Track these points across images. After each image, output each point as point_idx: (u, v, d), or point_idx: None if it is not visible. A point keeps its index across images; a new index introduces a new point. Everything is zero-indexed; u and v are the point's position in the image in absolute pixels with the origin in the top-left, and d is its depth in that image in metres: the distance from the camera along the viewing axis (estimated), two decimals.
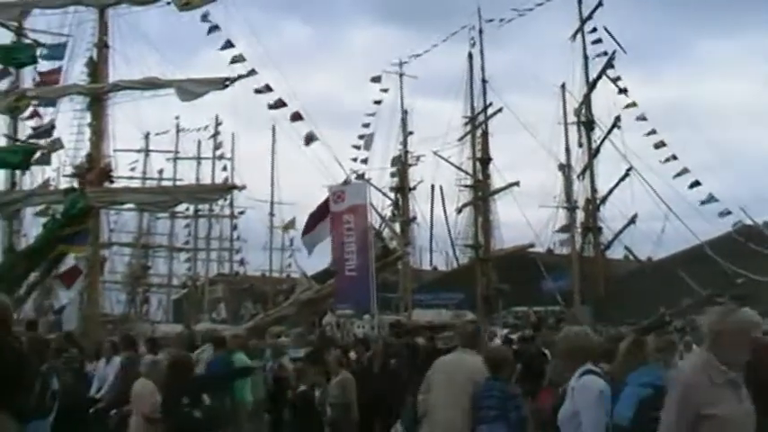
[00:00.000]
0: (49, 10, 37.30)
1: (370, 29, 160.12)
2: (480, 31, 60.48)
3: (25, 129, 41.02)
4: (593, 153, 57.31)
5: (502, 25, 60.84)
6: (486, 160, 59.67)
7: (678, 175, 53.35)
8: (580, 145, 57.36)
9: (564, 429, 7.23)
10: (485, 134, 60.08)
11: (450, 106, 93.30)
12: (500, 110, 58.74)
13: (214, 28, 34.51)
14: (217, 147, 76.52)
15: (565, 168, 56.39)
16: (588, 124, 57.35)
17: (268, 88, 33.55)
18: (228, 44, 34.21)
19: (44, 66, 38.12)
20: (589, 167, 57.34)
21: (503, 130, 78.08)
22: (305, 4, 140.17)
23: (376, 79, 60.98)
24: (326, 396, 13.75)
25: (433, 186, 62.04)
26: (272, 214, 72.99)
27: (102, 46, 35.59)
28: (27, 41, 38.94)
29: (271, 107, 33.62)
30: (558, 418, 7.30)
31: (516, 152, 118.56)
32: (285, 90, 34.13)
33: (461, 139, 60.56)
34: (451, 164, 60.01)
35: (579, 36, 57.90)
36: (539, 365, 14.03)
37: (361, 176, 43.97)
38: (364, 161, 58.58)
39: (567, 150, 56.44)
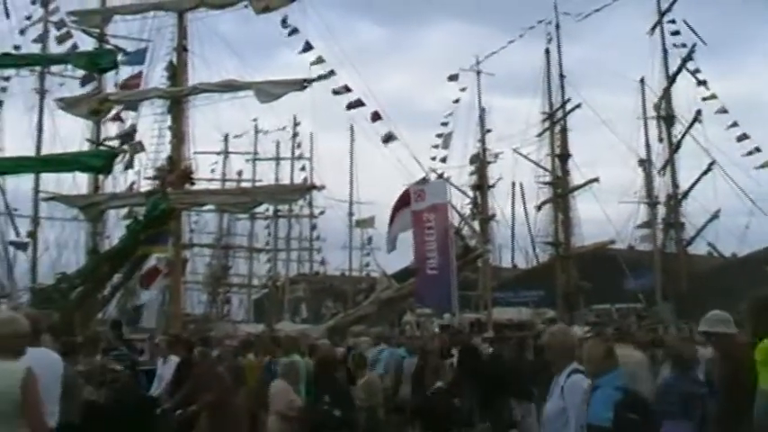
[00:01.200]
0: (129, 16, 37.82)
1: (444, 28, 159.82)
2: (557, 26, 59.97)
3: (108, 133, 41.65)
4: (674, 148, 56.49)
5: (579, 20, 60.13)
6: (565, 156, 59.14)
7: (762, 167, 52.47)
8: (660, 140, 56.56)
9: (551, 424, 7.69)
10: (563, 130, 59.54)
11: (528, 103, 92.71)
12: (578, 105, 58.25)
13: (294, 32, 34.68)
14: (295, 147, 76.95)
15: (645, 164, 55.72)
16: (668, 119, 56.51)
17: (347, 89, 33.64)
18: (308, 46, 34.37)
19: (125, 71, 38.67)
20: (670, 162, 56.52)
21: (581, 125, 77.59)
22: (378, 5, 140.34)
23: (453, 77, 60.77)
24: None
25: (513, 184, 61.69)
26: (351, 214, 73.18)
27: (182, 50, 35.95)
28: (109, 47, 39.50)
29: (349, 107, 33.68)
30: (545, 416, 7.74)
31: (595, 148, 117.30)
32: (363, 90, 34.17)
33: (540, 135, 60.13)
34: (530, 160, 59.61)
35: (658, 29, 57.12)
36: None
37: (440, 175, 43.79)
38: (443, 160, 58.49)
39: (648, 145, 55.75)
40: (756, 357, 6.80)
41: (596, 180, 56.82)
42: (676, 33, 56.59)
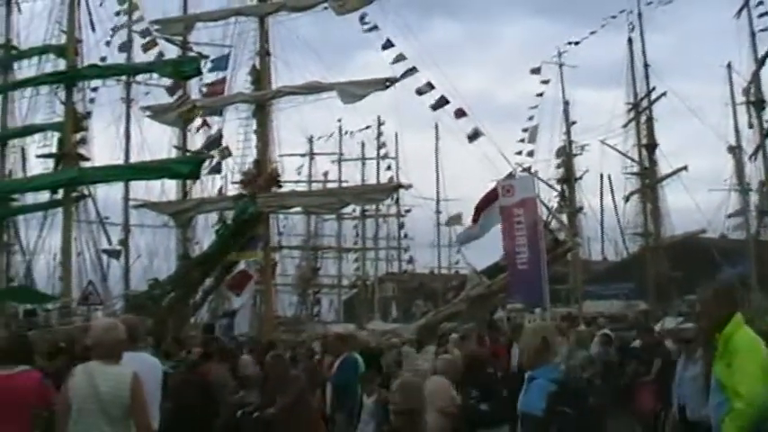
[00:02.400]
0: (211, 23, 38.25)
1: (521, 23, 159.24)
2: (639, 15, 59.21)
3: (194, 139, 42.12)
4: (765, 133, 55.39)
5: (662, 6, 59.25)
6: (652, 146, 58.38)
7: None
8: (750, 125, 55.49)
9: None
10: (649, 120, 58.78)
11: (612, 93, 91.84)
12: (664, 94, 57.46)
13: (373, 28, 34.65)
14: (380, 147, 77.09)
15: (735, 150, 54.81)
16: (758, 103, 55.37)
17: (429, 86, 33.51)
18: (389, 44, 34.29)
19: (209, 77, 39.05)
20: (761, 148, 55.44)
21: (667, 114, 76.57)
22: (454, 3, 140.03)
23: (536, 71, 60.40)
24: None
25: (600, 175, 61.05)
26: (438, 211, 73.22)
27: (264, 54, 36.23)
28: (192, 54, 39.98)
29: (433, 105, 33.56)
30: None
31: (683, 136, 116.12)
32: (446, 87, 34.05)
33: (625, 126, 59.41)
34: (617, 151, 58.95)
35: (744, 12, 55.99)
36: None
37: (527, 169, 43.55)
38: (530, 154, 58.14)
39: (737, 131, 54.81)
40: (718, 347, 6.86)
41: (685, 169, 56.09)
42: (765, 15, 55.44)
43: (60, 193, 37.67)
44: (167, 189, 42.75)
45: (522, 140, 59.23)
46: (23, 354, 8.27)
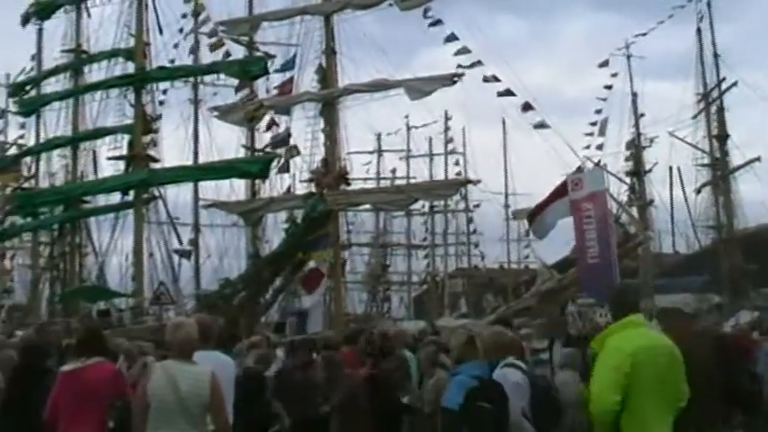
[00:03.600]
0: (276, 22, 38.46)
1: (585, 17, 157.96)
2: (708, 5, 58.39)
3: (262, 138, 42.34)
4: None
5: None
6: (723, 137, 57.58)
7: None
8: None
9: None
10: (720, 110, 57.96)
11: (681, 85, 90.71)
12: (734, 84, 56.64)
13: (437, 22, 34.56)
14: (448, 142, 76.93)
15: None
16: None
17: (495, 78, 33.36)
18: (453, 37, 34.20)
19: (276, 76, 39.25)
20: None
21: (739, 104, 75.29)
22: (516, 0, 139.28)
23: (603, 64, 59.81)
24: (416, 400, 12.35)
25: (670, 168, 60.30)
26: (506, 206, 72.81)
27: (330, 52, 36.32)
28: (259, 54, 40.18)
29: (500, 95, 33.37)
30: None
31: (755, 126, 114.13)
32: (512, 81, 33.85)
33: (695, 117, 58.62)
34: (687, 143, 58.20)
35: None
36: None
37: (596, 163, 43.15)
38: (599, 147, 57.61)
39: None
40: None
41: (758, 159, 55.25)
42: None
43: (131, 195, 38.18)
44: (236, 188, 43.03)
45: (591, 134, 58.71)
46: (98, 346, 8.44)
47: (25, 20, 45.84)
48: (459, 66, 33.75)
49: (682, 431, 6.97)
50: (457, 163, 74.80)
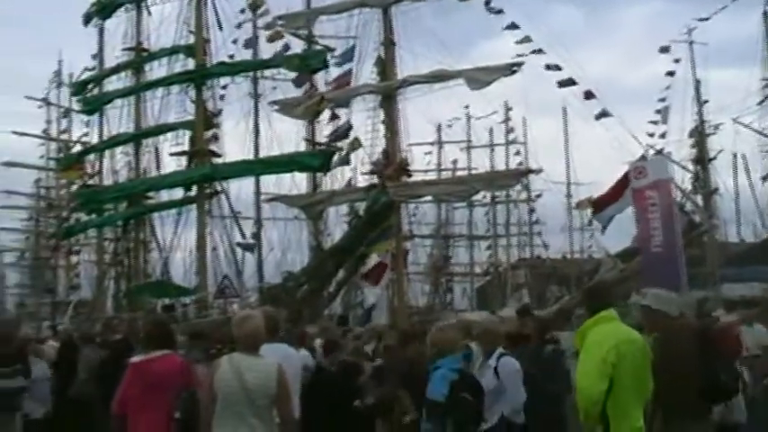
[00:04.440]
0: (334, 15, 38.48)
1: (644, 4, 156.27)
2: None
3: (322, 131, 42.45)
4: None
5: None
6: None
7: None
8: None
9: (490, 399, 8.73)
10: None
11: (746, 71, 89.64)
12: None
13: (498, 12, 34.41)
14: (508, 132, 76.62)
15: None
16: None
17: (557, 67, 33.14)
18: (513, 26, 34.05)
19: (335, 69, 39.29)
20: None
21: None
22: None
23: (664, 50, 59.07)
24: None
25: (735, 155, 59.53)
26: (569, 195, 72.25)
27: (389, 44, 36.29)
28: (318, 48, 40.24)
29: (561, 85, 33.15)
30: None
31: None
32: (572, 70, 33.62)
33: (761, 103, 57.73)
34: (753, 130, 57.33)
35: None
36: None
37: (659, 151, 42.71)
38: (662, 135, 56.96)
39: None
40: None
41: None
42: None
43: (194, 190, 38.44)
44: (297, 182, 43.15)
45: (653, 122, 58.06)
46: (165, 339, 8.55)
47: (87, 19, 46.39)
48: (520, 55, 33.63)
49: (663, 424, 7.58)
50: (518, 153, 74.56)
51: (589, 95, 32.96)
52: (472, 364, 9.23)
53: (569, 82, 33.04)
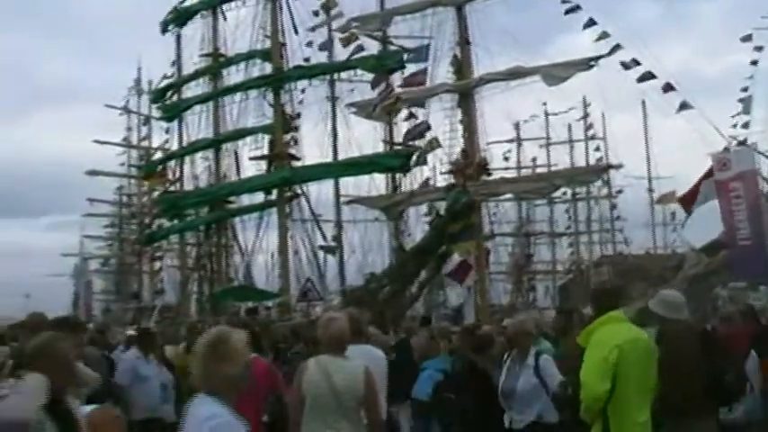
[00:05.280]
0: (408, 15, 38.40)
1: None
2: None
3: (400, 132, 42.40)
4: None
5: None
6: None
7: None
8: None
9: (528, 398, 9.09)
10: None
11: None
12: None
13: (575, 9, 34.07)
14: (587, 128, 75.93)
15: None
16: None
17: (635, 62, 32.70)
18: (591, 22, 33.67)
19: (410, 69, 39.23)
20: None
21: None
22: None
23: (746, 38, 58.07)
24: None
25: None
26: (650, 190, 71.40)
27: (464, 42, 36.16)
28: (393, 48, 40.25)
29: (640, 80, 32.71)
30: (517, 391, 9.11)
31: None
32: (650, 63, 33.13)
33: None
34: None
35: None
36: None
37: (741, 142, 41.99)
38: (745, 125, 55.96)
39: None
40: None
41: None
42: None
43: (274, 194, 38.68)
44: (377, 183, 43.18)
45: (737, 113, 57.09)
46: (251, 342, 8.52)
47: (164, 27, 46.96)
48: (598, 52, 33.29)
49: (669, 424, 7.67)
50: (597, 149, 73.74)
51: (668, 88, 32.45)
52: (508, 364, 9.40)
53: (648, 76, 32.57)
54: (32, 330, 7.97)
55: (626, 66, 32.72)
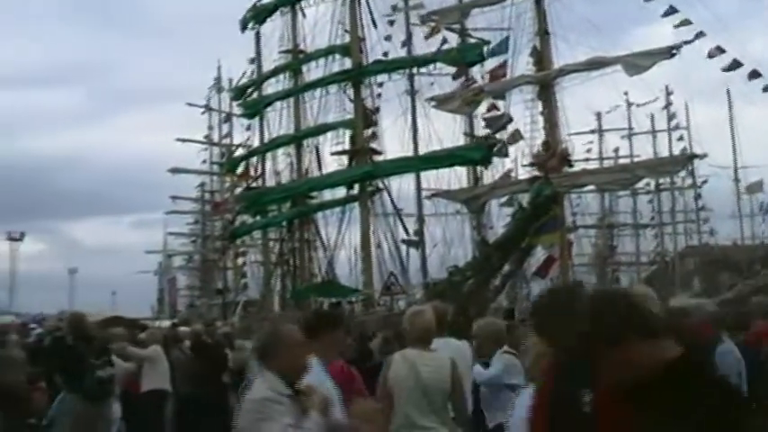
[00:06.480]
0: (487, 7, 38.21)
1: None
2: None
3: (480, 124, 42.21)
4: None
5: None
6: None
7: None
8: None
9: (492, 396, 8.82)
10: None
11: None
12: None
13: None
14: (670, 118, 74.91)
15: None
16: None
17: (719, 50, 32.19)
18: (672, 10, 33.22)
19: (490, 61, 39.07)
20: None
21: None
22: None
23: None
24: None
25: None
26: (736, 179, 70.32)
27: (543, 33, 35.88)
28: (473, 41, 40.10)
29: (726, 69, 32.21)
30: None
31: None
32: (735, 50, 32.58)
33: None
34: None
35: None
36: None
37: None
38: None
39: None
40: None
41: None
42: None
43: (356, 189, 38.77)
44: (458, 176, 43.04)
45: None
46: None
47: (244, 25, 47.33)
48: (679, 40, 32.83)
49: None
50: (681, 138, 72.54)
51: (754, 75, 31.93)
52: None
53: (734, 64, 32.08)
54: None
55: (710, 54, 32.25)
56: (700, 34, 32.30)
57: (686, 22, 32.69)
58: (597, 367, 3.40)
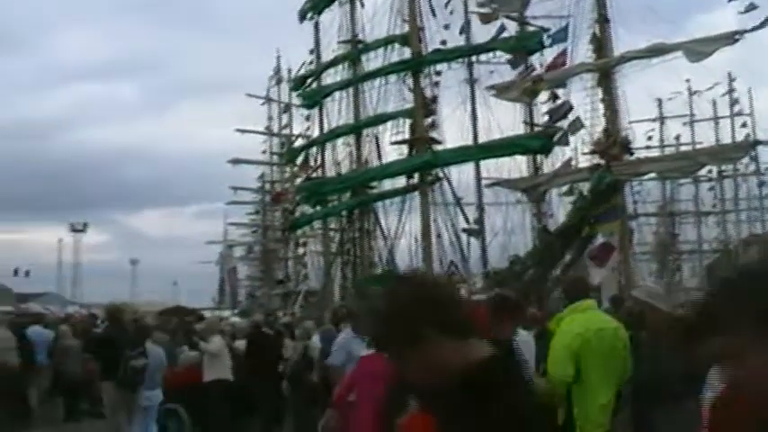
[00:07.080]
0: None
1: None
2: None
3: (540, 113, 42.06)
4: None
5: None
6: None
7: None
8: None
9: None
10: None
11: None
12: None
13: None
14: (733, 104, 74.06)
15: None
16: None
17: None
18: None
19: (549, 49, 38.93)
20: None
21: None
22: None
23: None
24: None
25: None
26: None
27: (603, 21, 35.71)
28: (533, 29, 39.97)
29: None
30: None
31: None
32: None
33: None
34: None
35: None
36: None
37: None
38: None
39: None
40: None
41: None
42: None
43: (416, 178, 38.80)
44: (517, 165, 42.90)
45: None
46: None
47: (302, 15, 47.52)
48: (742, 26, 32.50)
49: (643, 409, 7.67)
50: (744, 125, 71.73)
51: None
52: None
53: None
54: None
55: None
56: (767, 21, 31.91)
57: (752, 7, 32.33)
58: (400, 370, 3.10)
